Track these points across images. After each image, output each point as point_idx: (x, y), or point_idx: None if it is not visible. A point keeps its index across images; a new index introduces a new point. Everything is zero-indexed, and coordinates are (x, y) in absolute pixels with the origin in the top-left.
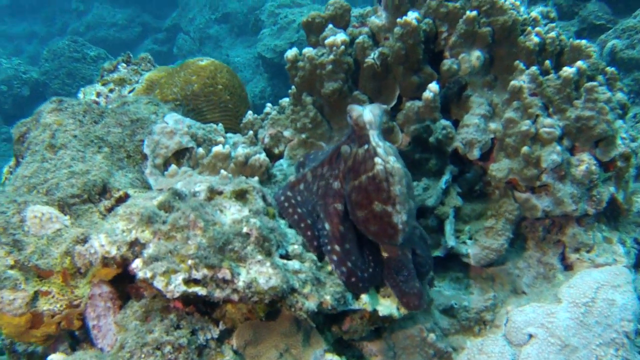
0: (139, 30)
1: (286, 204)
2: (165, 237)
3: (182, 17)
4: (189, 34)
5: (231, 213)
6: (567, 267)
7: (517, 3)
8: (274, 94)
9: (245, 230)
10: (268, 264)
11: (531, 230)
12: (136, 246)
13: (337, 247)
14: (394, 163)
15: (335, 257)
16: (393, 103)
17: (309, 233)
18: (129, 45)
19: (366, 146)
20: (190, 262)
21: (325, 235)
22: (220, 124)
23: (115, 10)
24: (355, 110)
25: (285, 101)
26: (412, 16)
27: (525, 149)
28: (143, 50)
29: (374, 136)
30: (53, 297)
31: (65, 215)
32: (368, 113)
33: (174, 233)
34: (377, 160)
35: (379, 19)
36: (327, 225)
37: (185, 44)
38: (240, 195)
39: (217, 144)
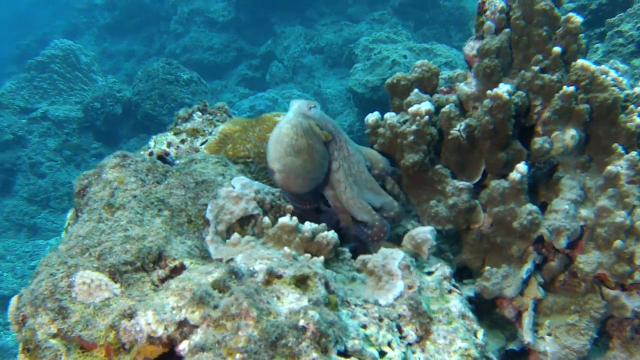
0: (233, 55)
1: None
2: (215, 324)
3: (277, 44)
4: (282, 61)
5: (289, 302)
6: None
7: (620, 78)
8: (362, 129)
9: (301, 323)
10: None
11: (618, 329)
12: (185, 327)
13: None
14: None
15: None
16: (477, 179)
17: None
18: (223, 69)
19: None
20: (238, 356)
21: None
22: None
23: (212, 34)
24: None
25: None
26: (503, 89)
27: (618, 243)
28: (236, 75)
29: (292, 113)
30: None
31: (115, 283)
32: (297, 101)
33: (224, 321)
34: None
35: (468, 87)
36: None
37: (278, 72)
38: (301, 281)
39: (285, 212)
